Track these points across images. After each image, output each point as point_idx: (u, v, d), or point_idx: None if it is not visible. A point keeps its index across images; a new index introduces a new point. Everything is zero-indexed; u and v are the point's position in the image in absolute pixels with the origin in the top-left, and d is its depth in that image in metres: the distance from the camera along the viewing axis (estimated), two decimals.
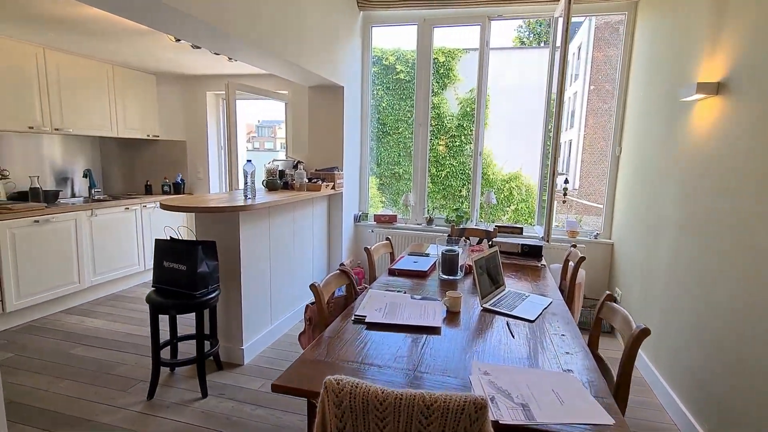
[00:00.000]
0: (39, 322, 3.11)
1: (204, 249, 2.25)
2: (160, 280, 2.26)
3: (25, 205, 3.01)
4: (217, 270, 2.33)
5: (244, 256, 2.51)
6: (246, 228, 2.52)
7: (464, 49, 4.81)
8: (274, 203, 2.62)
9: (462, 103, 4.73)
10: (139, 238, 3.97)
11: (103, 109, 3.76)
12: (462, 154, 4.71)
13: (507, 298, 1.73)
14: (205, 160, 4.55)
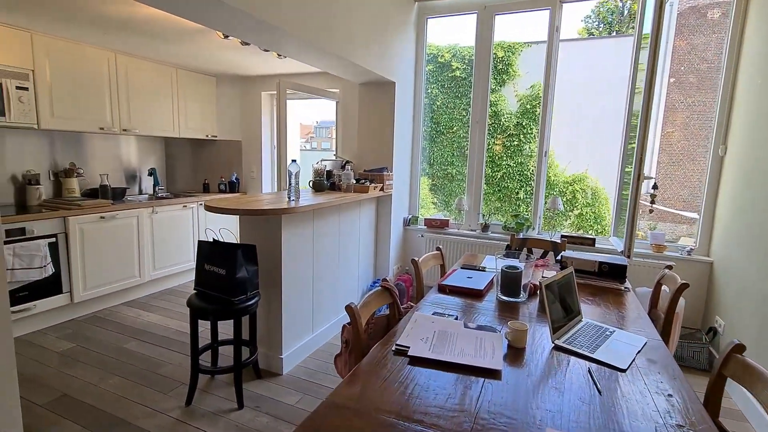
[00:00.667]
0: (102, 313, 3.28)
1: (243, 253, 2.18)
2: (201, 283, 2.22)
3: (93, 202, 3.18)
4: (256, 275, 2.25)
5: (286, 261, 2.42)
6: (288, 231, 2.42)
7: (526, 42, 4.41)
8: (318, 206, 2.49)
9: (522, 100, 4.34)
10: (194, 235, 4.09)
11: (167, 110, 3.91)
12: (520, 154, 4.31)
13: (585, 332, 1.41)
14: (258, 160, 4.60)
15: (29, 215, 2.75)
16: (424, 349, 1.25)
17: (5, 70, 2.71)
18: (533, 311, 1.62)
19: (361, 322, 1.37)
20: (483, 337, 1.34)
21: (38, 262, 2.76)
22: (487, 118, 3.55)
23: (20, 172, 3.16)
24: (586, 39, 10.15)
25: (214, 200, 2.42)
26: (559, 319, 1.40)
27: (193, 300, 2.12)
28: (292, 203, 2.42)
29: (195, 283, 2.25)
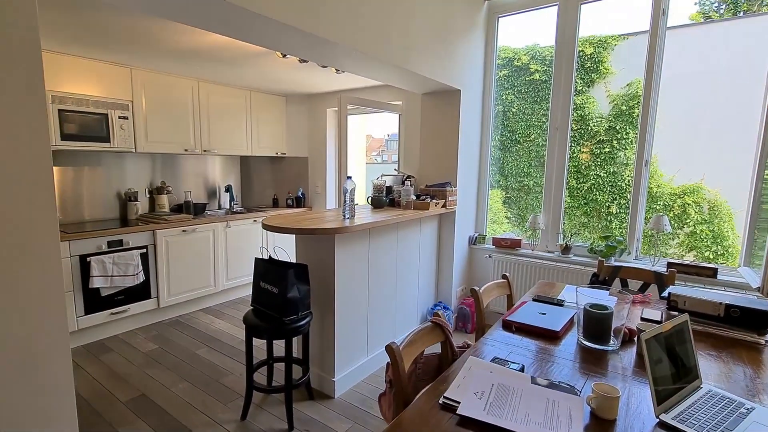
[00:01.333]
0: (183, 318, 3.60)
1: (295, 272, 2.22)
2: (256, 300, 2.31)
3: (178, 217, 3.52)
4: (308, 295, 2.28)
5: (340, 280, 2.42)
6: (342, 250, 2.42)
7: (622, 35, 3.94)
8: (373, 224, 2.47)
9: (615, 100, 3.86)
10: (261, 245, 4.33)
11: (242, 131, 4.23)
12: (613, 163, 3.83)
13: (706, 406, 1.04)
14: (323, 175, 4.76)
15: (126, 228, 3.12)
16: (478, 407, 1.05)
17: (110, 102, 3.14)
18: (628, 365, 1.27)
19: (403, 365, 1.26)
20: (557, 399, 1.08)
21: (132, 270, 3.11)
22: (570, 122, 3.26)
23: (123, 190, 3.62)
24: (702, 24, 8.84)
25: (271, 217, 2.51)
26: (666, 384, 1.06)
27: (248, 316, 2.20)
28: (346, 222, 2.42)
29: (252, 298, 2.35)
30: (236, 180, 4.73)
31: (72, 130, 2.92)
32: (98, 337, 3.10)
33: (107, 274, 2.99)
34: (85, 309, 2.94)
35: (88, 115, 3.01)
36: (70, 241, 2.82)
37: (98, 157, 3.45)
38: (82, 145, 2.99)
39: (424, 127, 3.49)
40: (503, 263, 3.46)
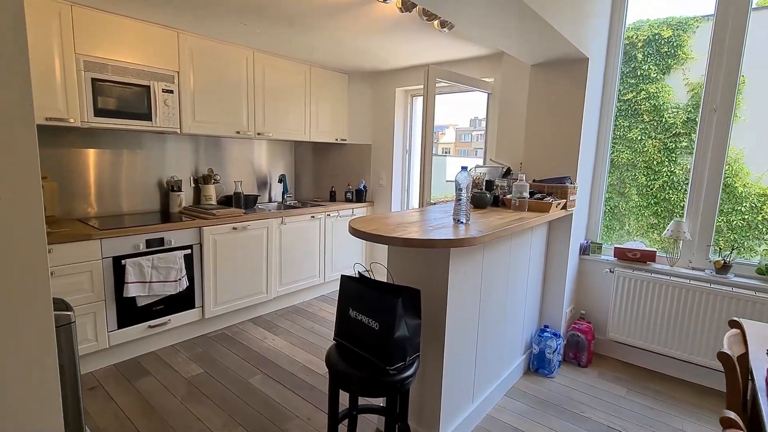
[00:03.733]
0: (231, 330, 3.05)
1: (404, 301, 1.55)
2: (343, 334, 1.66)
3: (227, 211, 2.96)
4: (418, 332, 1.61)
5: (452, 308, 1.74)
6: (456, 268, 1.73)
7: (703, 16, 2.98)
8: (501, 231, 1.75)
9: (695, 89, 2.90)
10: (320, 248, 3.73)
11: (299, 112, 3.62)
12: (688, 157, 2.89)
13: None
14: (389, 166, 4.09)
15: (168, 224, 2.58)
16: None
17: (154, 71, 2.60)
18: None
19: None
20: None
21: (174, 275, 2.57)
22: (734, 101, 2.41)
23: (165, 178, 3.11)
24: None
25: (357, 220, 1.86)
26: None
27: (333, 359, 1.56)
28: (461, 228, 1.73)
29: (336, 330, 1.70)
30: (289, 169, 4.15)
31: (108, 104, 2.40)
32: (133, 354, 2.59)
33: (145, 279, 2.46)
34: (119, 322, 2.43)
35: (128, 87, 2.47)
36: (102, 239, 2.30)
37: (137, 138, 2.93)
38: (119, 123, 2.46)
39: (533, 108, 2.73)
40: (630, 282, 2.66)
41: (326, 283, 3.89)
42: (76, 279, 2.21)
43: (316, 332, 3.11)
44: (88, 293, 2.26)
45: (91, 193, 2.72)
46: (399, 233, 1.62)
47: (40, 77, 2.13)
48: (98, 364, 2.42)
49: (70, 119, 2.25)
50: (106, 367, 2.44)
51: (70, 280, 2.18)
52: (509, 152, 3.09)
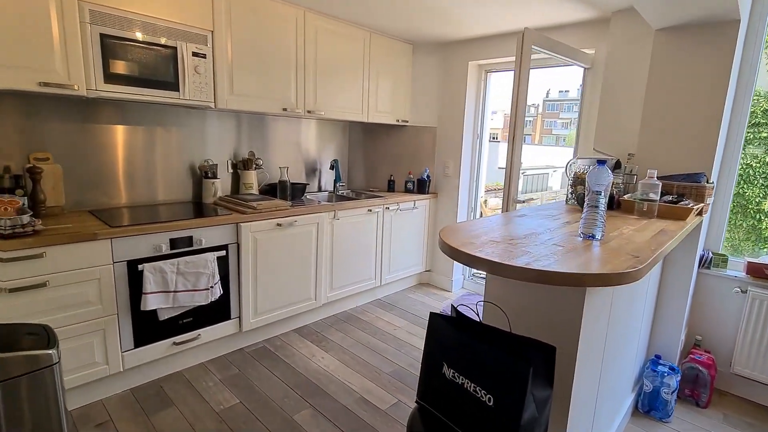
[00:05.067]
0: (272, 343, 2.55)
1: (537, 367, 0.90)
2: (432, 398, 1.04)
3: (270, 203, 2.44)
4: (548, 407, 0.96)
5: (581, 366, 1.09)
6: (591, 308, 1.11)
7: None
8: (659, 254, 1.08)
9: None
10: (378, 246, 3.14)
11: (356, 88, 3.01)
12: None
13: None
14: (456, 153, 3.39)
15: (197, 220, 2.09)
16: None
17: (182, 30, 2.09)
18: None
19: None
20: None
21: (204, 281, 2.09)
22: None
23: (198, 162, 2.64)
24: None
25: (447, 230, 1.23)
26: None
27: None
28: (596, 246, 1.04)
29: (420, 390, 1.10)
30: (342, 154, 3.57)
31: (122, 68, 1.91)
32: (154, 377, 2.14)
33: (168, 288, 1.98)
34: (135, 340, 1.98)
35: (149, 47, 1.98)
36: (113, 239, 1.83)
37: (164, 113, 2.47)
38: (136, 92, 1.98)
39: (655, 84, 1.99)
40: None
41: (383, 286, 3.32)
42: (79, 289, 1.76)
43: (372, 348, 2.54)
44: (95, 307, 1.81)
45: (107, 180, 2.29)
46: (520, 258, 0.98)
47: (30, 28, 1.67)
48: (110, 390, 1.98)
49: (74, 86, 1.79)
50: (120, 394, 2.01)
51: (70, 291, 1.73)
52: (614, 140, 2.30)
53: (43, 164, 2.01)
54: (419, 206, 3.41)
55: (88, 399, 1.91)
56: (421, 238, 3.52)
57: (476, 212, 3.61)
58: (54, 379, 1.22)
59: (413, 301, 3.34)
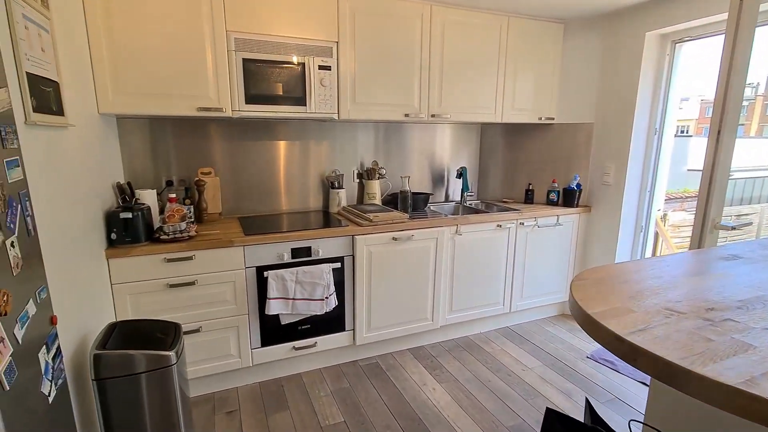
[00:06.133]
0: (385, 361, 2.47)
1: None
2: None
3: (387, 216, 2.35)
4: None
5: None
6: None
7: None
8: None
9: None
10: (508, 267, 2.74)
11: (488, 85, 2.68)
12: None
13: None
14: (623, 154, 2.70)
15: (314, 231, 2.14)
16: None
17: (309, 45, 2.16)
18: None
19: None
20: None
21: (320, 292, 2.13)
22: None
23: (327, 172, 2.74)
24: None
25: (584, 291, 0.85)
26: None
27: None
28: None
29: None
30: (473, 160, 3.27)
31: (259, 89, 2.08)
32: (277, 375, 2.29)
33: (288, 296, 2.08)
34: (262, 339, 2.14)
35: (281, 66, 2.10)
36: (245, 246, 2.00)
37: (296, 127, 2.62)
38: (269, 110, 2.13)
39: None
40: None
41: (512, 314, 2.90)
42: (220, 289, 1.98)
43: (492, 388, 2.20)
44: (231, 305, 2.02)
45: (253, 190, 2.56)
46: (730, 359, 0.56)
47: (191, 63, 1.94)
48: (244, 381, 2.20)
49: (222, 108, 2.02)
50: (251, 385, 2.21)
51: (212, 291, 1.97)
52: None
53: (207, 177, 2.36)
54: (565, 222, 2.85)
55: (225, 385, 2.16)
56: (566, 260, 2.94)
57: (648, 233, 2.83)
58: (172, 377, 1.35)
59: (550, 336, 2.82)
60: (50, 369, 1.05)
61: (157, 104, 1.91)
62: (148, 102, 1.89)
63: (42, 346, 1.03)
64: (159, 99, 1.91)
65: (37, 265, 1.06)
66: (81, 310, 1.42)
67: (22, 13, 1.10)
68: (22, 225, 1.00)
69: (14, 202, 0.97)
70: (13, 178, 0.98)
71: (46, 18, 1.27)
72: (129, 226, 1.76)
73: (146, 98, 1.89)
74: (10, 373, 0.87)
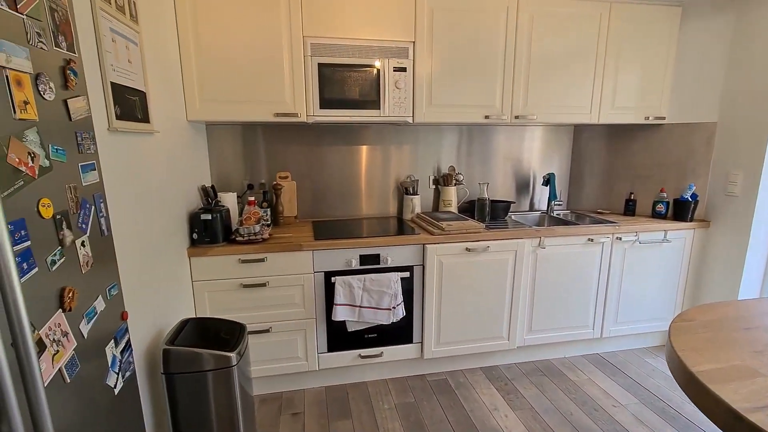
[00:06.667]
0: (454, 378, 2.32)
1: None
2: None
3: (461, 225, 2.20)
4: None
5: None
6: None
7: None
8: None
9: None
10: (599, 287, 2.41)
11: (583, 81, 2.38)
12: None
13: None
14: (756, 159, 2.21)
15: (383, 239, 2.07)
16: None
17: (385, 46, 2.10)
18: None
19: None
20: None
21: (387, 301, 2.05)
22: None
23: (403, 177, 2.66)
24: None
25: (694, 348, 0.62)
26: None
27: None
28: None
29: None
30: (563, 166, 2.95)
31: (333, 93, 2.07)
32: (344, 380, 2.26)
33: (354, 303, 2.04)
34: (329, 344, 2.12)
35: (355, 69, 2.07)
36: (314, 251, 2.00)
37: (370, 131, 2.58)
38: (343, 114, 2.11)
39: None
40: None
41: (604, 340, 2.54)
42: (289, 292, 2.01)
43: (575, 424, 1.93)
44: (299, 308, 2.04)
45: (328, 194, 2.57)
46: None
47: (269, 70, 1.99)
48: (310, 384, 2.22)
49: (297, 113, 2.04)
50: (317, 389, 2.21)
51: (282, 293, 2.00)
52: None
53: (284, 181, 2.43)
54: (675, 239, 2.42)
55: (293, 386, 2.19)
56: (674, 284, 2.50)
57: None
58: (232, 376, 1.37)
59: (650, 369, 2.41)
60: (117, 362, 1.11)
61: (238, 111, 2.00)
62: (230, 109, 1.99)
63: (110, 341, 1.09)
64: (240, 105, 2.00)
65: (109, 264, 1.12)
66: (158, 306, 1.51)
67: (110, 27, 1.19)
68: (95, 225, 1.06)
69: (88, 203, 1.03)
70: (88, 181, 1.05)
71: (135, 32, 1.38)
72: (208, 227, 1.86)
73: (228, 105, 1.99)
74: (72, 367, 0.92)
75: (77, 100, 1.05)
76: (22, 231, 0.84)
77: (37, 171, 0.89)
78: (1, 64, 0.82)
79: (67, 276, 0.95)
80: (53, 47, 0.98)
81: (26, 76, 0.88)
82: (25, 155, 0.87)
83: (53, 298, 0.90)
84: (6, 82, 0.83)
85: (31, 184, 0.87)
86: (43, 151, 0.92)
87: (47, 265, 0.89)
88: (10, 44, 0.85)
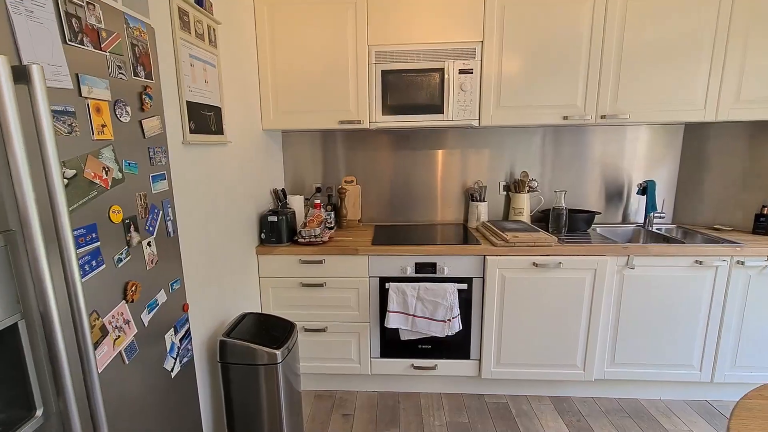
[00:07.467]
0: (516, 404, 2.14)
1: None
2: None
3: (529, 237, 2.01)
4: None
5: None
6: None
7: None
8: None
9: None
10: (709, 320, 1.98)
11: (696, 73, 1.98)
12: None
13: None
14: None
15: (440, 248, 1.99)
16: None
17: (450, 48, 2.01)
18: None
19: None
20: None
21: (441, 313, 1.98)
22: None
23: (468, 183, 2.53)
24: None
25: None
26: None
27: None
28: None
29: None
30: (668, 172, 2.50)
31: (396, 99, 2.05)
32: (396, 388, 2.24)
33: (408, 311, 2.00)
34: (381, 351, 2.13)
35: (419, 74, 2.03)
36: (370, 256, 2.02)
37: (435, 135, 2.50)
38: (407, 119, 2.08)
39: None
40: None
41: (715, 385, 2.10)
42: (345, 294, 2.06)
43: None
44: (354, 311, 2.08)
45: (391, 199, 2.57)
46: None
47: (336, 80, 2.06)
48: (364, 387, 2.25)
49: (360, 120, 2.08)
50: (370, 393, 2.24)
51: (338, 294, 2.06)
52: None
53: (349, 186, 2.51)
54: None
55: (348, 387, 2.25)
56: None
57: None
58: (276, 372, 1.46)
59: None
60: (176, 348, 1.26)
61: (306, 120, 2.12)
62: (300, 118, 2.12)
63: (170, 329, 1.24)
64: (309, 115, 2.11)
65: (173, 261, 1.28)
66: (220, 300, 1.67)
67: (189, 53, 1.35)
68: (162, 227, 1.22)
69: (156, 209, 1.18)
70: (158, 189, 1.20)
71: (213, 55, 1.54)
72: (274, 228, 2.00)
73: (299, 115, 2.12)
74: (131, 351, 1.07)
75: (151, 120, 1.22)
76: (93, 233, 1.00)
77: (110, 183, 1.06)
78: (84, 95, 0.99)
79: (132, 272, 1.11)
80: (132, 77, 1.14)
81: (105, 103, 1.05)
82: (100, 170, 1.03)
83: (118, 291, 1.06)
84: (87, 109, 1.00)
85: (104, 194, 1.03)
86: (116, 165, 1.09)
87: (114, 263, 1.05)
88: (92, 78, 1.01)
